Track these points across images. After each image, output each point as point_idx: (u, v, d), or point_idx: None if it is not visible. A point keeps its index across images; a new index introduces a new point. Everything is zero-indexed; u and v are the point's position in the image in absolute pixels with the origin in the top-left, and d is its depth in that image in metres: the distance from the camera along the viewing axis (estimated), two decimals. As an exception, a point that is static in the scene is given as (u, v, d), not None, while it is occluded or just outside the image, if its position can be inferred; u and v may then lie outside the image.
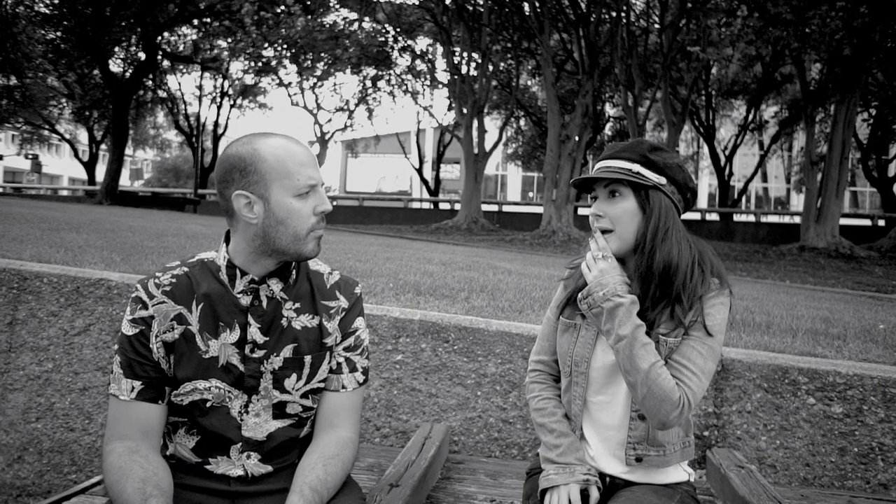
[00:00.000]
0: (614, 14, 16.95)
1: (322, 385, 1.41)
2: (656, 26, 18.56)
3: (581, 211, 21.79)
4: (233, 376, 1.33)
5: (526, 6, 18.04)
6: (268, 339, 1.35)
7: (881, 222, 21.83)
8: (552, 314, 1.62)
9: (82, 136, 33.17)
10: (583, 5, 17.18)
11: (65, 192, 35.49)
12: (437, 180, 30.24)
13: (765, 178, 38.86)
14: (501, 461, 2.60)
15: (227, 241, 1.38)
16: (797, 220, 23.54)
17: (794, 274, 10.68)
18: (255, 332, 1.34)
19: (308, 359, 1.38)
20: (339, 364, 1.42)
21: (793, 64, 15.44)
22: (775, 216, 28.28)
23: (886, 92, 18.10)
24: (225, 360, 1.33)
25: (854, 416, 2.41)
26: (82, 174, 36.55)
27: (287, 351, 1.36)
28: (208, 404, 1.33)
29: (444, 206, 27.13)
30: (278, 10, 18.47)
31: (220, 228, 4.06)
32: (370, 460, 2.49)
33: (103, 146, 29.80)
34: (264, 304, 1.35)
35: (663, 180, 1.40)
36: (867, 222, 22.42)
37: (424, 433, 2.49)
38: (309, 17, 18.96)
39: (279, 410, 1.37)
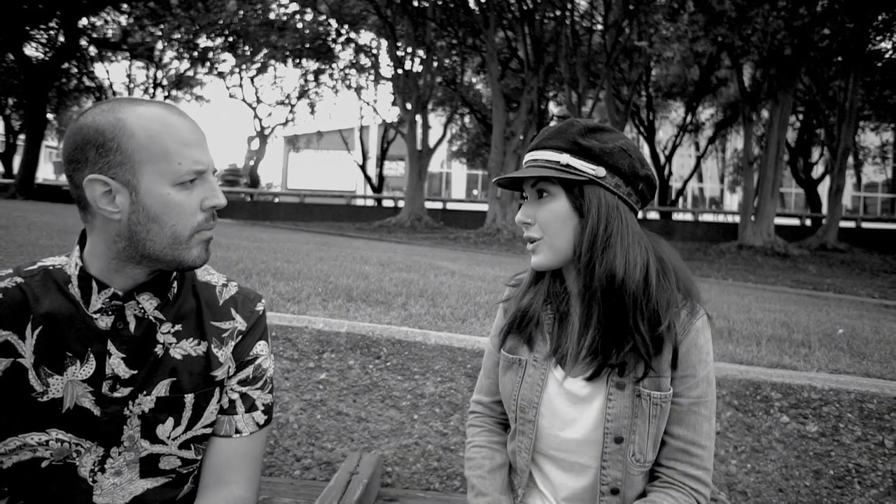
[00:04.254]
0: (559, 12, 16.92)
1: (209, 430, 1.07)
2: (599, 27, 18.68)
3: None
4: (84, 424, 0.98)
5: (471, 0, 17.80)
6: (135, 372, 1.00)
7: (808, 222, 22.87)
8: (493, 345, 1.28)
9: (-2, 125, 30.83)
10: (528, 1, 17.09)
11: (-21, 186, 32.93)
12: (381, 177, 29.67)
13: (700, 179, 40.21)
14: (441, 495, 2.26)
15: (83, 243, 1.01)
16: (731, 219, 24.38)
17: (735, 272, 10.83)
18: (117, 364, 0.99)
19: (190, 398, 1.04)
20: (231, 402, 1.08)
21: (731, 66, 15.86)
22: (711, 215, 29.22)
23: (814, 97, 18.92)
24: (72, 402, 0.97)
25: (830, 434, 2.18)
26: (-1, 167, 34.02)
27: (162, 388, 1.02)
28: (45, 464, 0.97)
29: (387, 203, 26.58)
30: None
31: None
32: (286, 500, 2.10)
33: (22, 136, 27.73)
34: (132, 326, 1.00)
35: (602, 171, 1.07)
36: (796, 222, 23.43)
37: (351, 466, 2.13)
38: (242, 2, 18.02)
39: (149, 466, 1.03)
